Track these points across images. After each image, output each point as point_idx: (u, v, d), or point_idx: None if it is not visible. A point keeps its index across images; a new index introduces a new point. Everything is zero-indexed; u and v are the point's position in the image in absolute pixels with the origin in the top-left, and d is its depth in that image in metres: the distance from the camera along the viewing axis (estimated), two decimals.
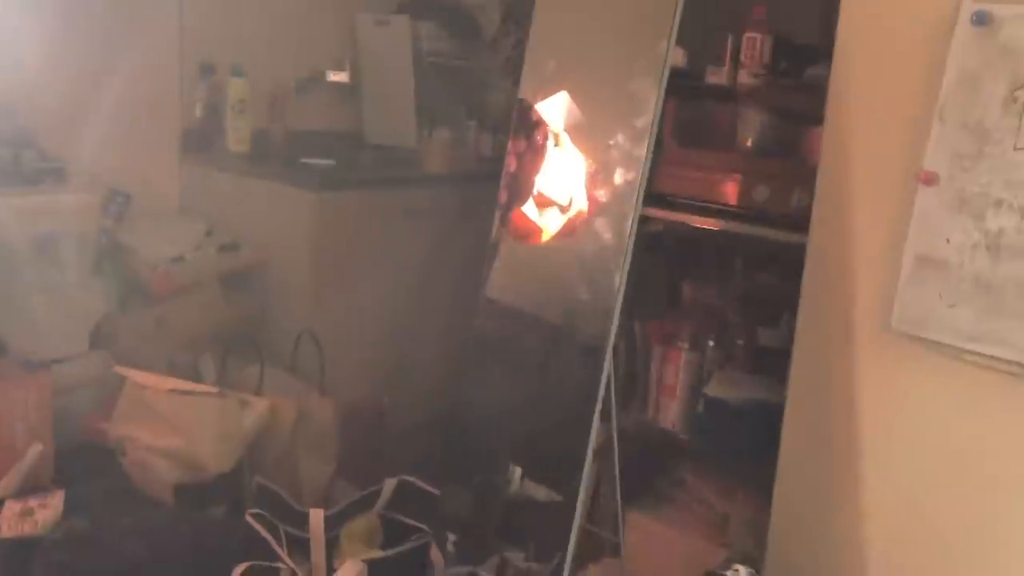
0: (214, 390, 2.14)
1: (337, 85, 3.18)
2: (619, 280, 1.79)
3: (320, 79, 3.13)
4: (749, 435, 2.04)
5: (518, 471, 2.36)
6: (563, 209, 2.04)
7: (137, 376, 2.12)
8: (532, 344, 2.12)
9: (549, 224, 2.03)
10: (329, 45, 3.19)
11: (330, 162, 2.72)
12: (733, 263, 2.42)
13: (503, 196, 2.17)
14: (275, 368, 2.56)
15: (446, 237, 2.97)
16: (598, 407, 1.90)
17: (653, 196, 2.11)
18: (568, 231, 1.96)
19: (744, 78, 2.11)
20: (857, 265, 1.72)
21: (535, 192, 2.04)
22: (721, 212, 2.10)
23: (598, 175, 1.87)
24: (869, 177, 1.70)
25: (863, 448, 1.76)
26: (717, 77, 2.15)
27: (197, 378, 2.44)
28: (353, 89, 3.23)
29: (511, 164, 2.13)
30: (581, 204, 1.93)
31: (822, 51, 1.94)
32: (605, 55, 1.96)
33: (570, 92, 1.98)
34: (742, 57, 2.11)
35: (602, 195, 1.87)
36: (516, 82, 3.42)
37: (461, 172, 3.05)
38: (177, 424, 2.08)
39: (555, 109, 1.99)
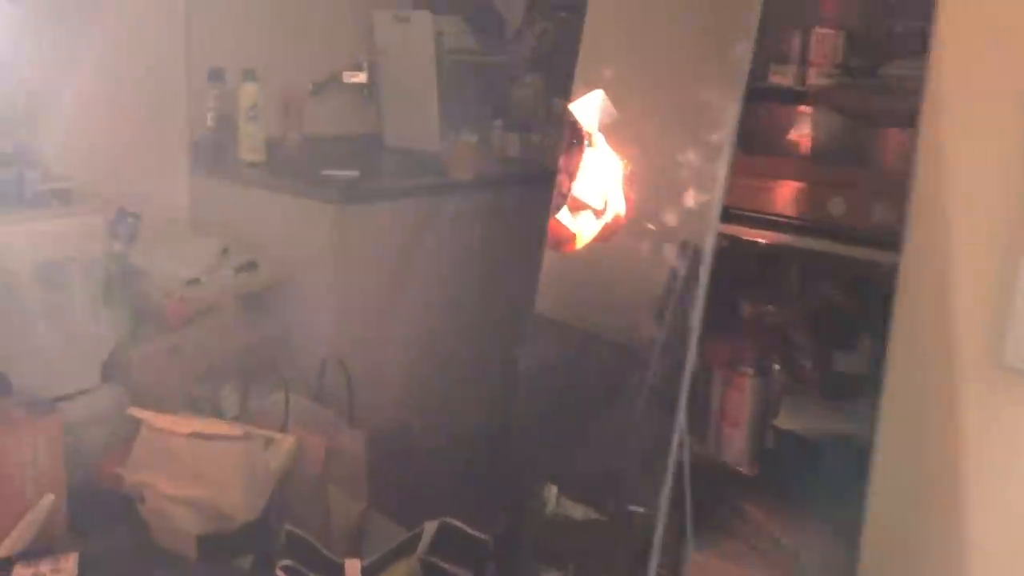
0: (238, 432, 1.96)
1: (354, 87, 2.99)
2: (694, 317, 1.60)
3: (336, 81, 2.94)
4: (828, 473, 1.86)
5: (554, 490, 2.23)
6: (615, 227, 1.85)
7: (153, 419, 1.95)
8: (591, 367, 1.94)
9: (607, 248, 1.84)
10: (345, 45, 3.00)
11: (352, 173, 2.53)
12: (792, 275, 2.23)
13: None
14: (299, 395, 2.39)
15: (478, 248, 2.78)
16: (675, 444, 1.71)
17: None
18: (632, 257, 1.78)
19: (813, 78, 1.91)
20: (961, 291, 1.53)
21: (591, 212, 1.85)
22: (790, 226, 1.91)
23: (665, 196, 1.68)
24: (974, 190, 1.50)
25: (969, 494, 1.57)
26: (782, 77, 1.96)
27: (217, 412, 2.27)
28: (371, 91, 3.04)
29: (563, 184, 1.94)
30: (646, 226, 1.74)
31: (900, 46, 1.74)
32: (670, 60, 1.77)
33: (630, 103, 1.78)
34: (811, 55, 1.91)
35: (671, 218, 1.68)
36: (543, 75, 3.27)
37: (490, 177, 2.86)
38: (199, 471, 1.91)
39: (612, 123, 1.79)
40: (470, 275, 2.78)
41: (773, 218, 1.94)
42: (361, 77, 2.98)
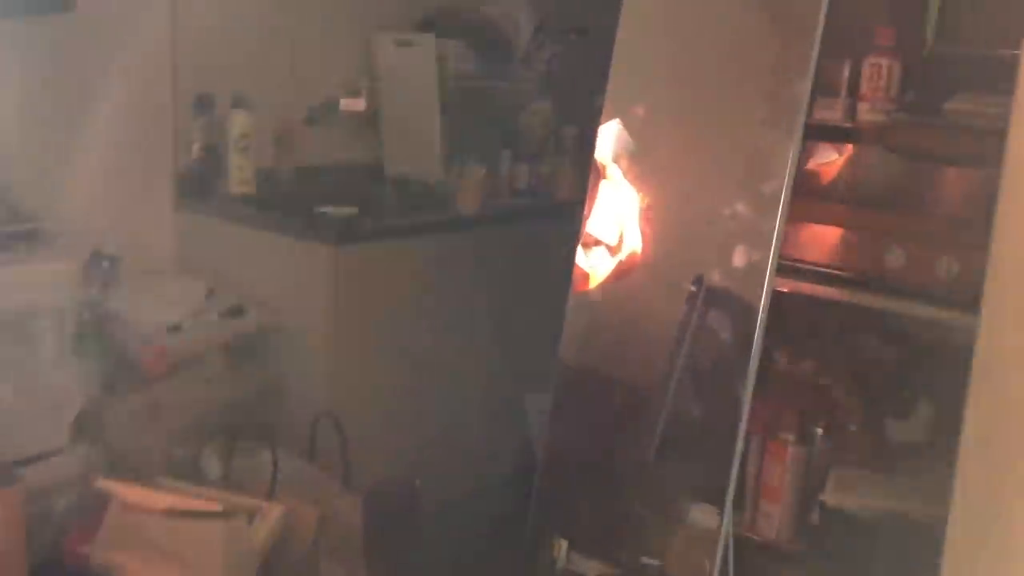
0: (219, 508, 1.75)
1: (352, 114, 2.79)
2: (746, 389, 1.40)
3: (333, 108, 2.74)
4: (882, 555, 1.65)
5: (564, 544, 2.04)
6: (635, 271, 1.65)
7: (126, 493, 1.74)
8: (619, 428, 1.74)
9: (641, 302, 1.64)
10: (343, 69, 2.80)
11: (350, 209, 2.33)
12: (832, 326, 2.02)
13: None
14: (290, 454, 2.19)
15: (487, 289, 2.58)
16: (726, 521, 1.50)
17: None
18: (668, 316, 1.57)
19: (864, 113, 1.71)
20: None
21: (616, 256, 1.64)
22: (838, 278, 1.70)
23: (711, 251, 1.48)
24: None
25: None
26: (829, 112, 1.75)
27: (199, 475, 2.06)
28: (371, 118, 2.84)
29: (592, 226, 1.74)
30: (687, 287, 1.54)
31: (964, 78, 1.54)
32: (715, 98, 1.56)
33: (667, 148, 1.58)
34: (863, 88, 1.72)
35: (717, 278, 1.48)
36: (553, 102, 3.09)
37: (499, 211, 2.67)
38: (176, 552, 1.71)
39: (644, 171, 1.59)
40: (479, 319, 2.58)
41: (819, 269, 1.73)
42: (359, 104, 2.78)
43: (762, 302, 1.39)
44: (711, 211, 1.51)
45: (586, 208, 1.79)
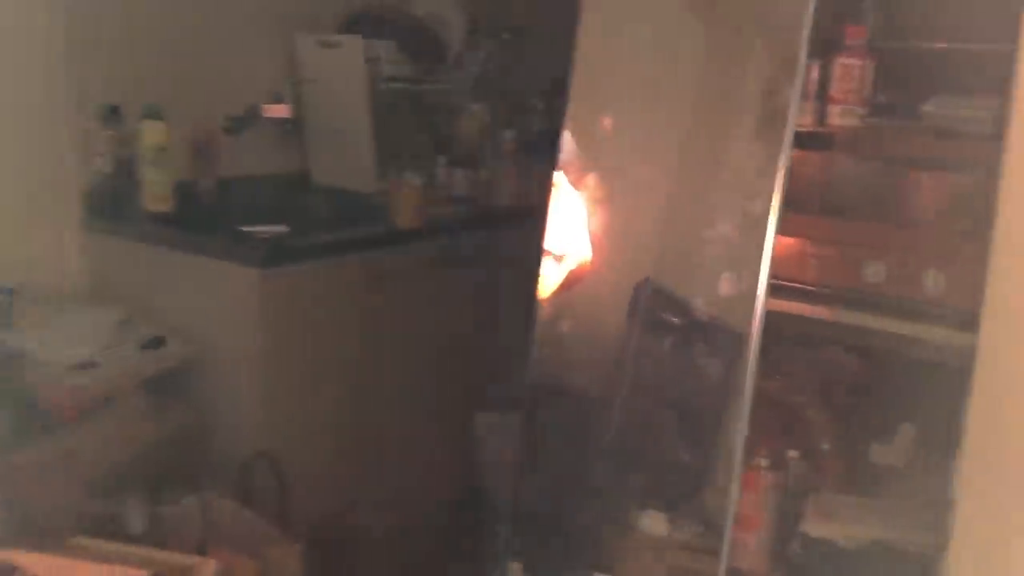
0: (141, 574, 1.56)
1: (276, 122, 2.60)
2: (737, 438, 1.27)
3: (255, 115, 2.54)
4: None
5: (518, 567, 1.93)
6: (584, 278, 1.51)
7: (34, 565, 1.53)
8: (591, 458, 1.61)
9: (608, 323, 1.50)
10: (265, 74, 2.61)
11: (279, 228, 2.14)
12: (801, 340, 1.91)
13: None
14: (222, 498, 2.00)
15: (429, 305, 2.42)
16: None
17: None
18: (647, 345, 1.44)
19: (837, 117, 1.60)
20: None
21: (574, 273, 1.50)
22: (816, 295, 1.59)
23: (695, 275, 1.35)
24: None
25: None
26: (799, 116, 1.63)
27: (120, 531, 1.85)
28: (296, 125, 2.66)
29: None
30: (669, 319, 1.41)
31: (945, 78, 1.44)
32: (690, 107, 1.42)
33: (638, 164, 1.44)
34: (833, 90, 1.60)
35: (700, 310, 1.34)
36: (490, 105, 2.94)
37: (438, 221, 2.51)
38: None
39: (614, 188, 1.44)
40: (422, 338, 2.42)
41: (791, 285, 1.62)
42: (283, 110, 2.59)
43: (751, 339, 1.27)
44: (691, 233, 1.38)
45: (548, 224, 1.64)
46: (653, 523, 1.78)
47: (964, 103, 1.49)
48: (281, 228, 2.14)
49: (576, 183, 1.55)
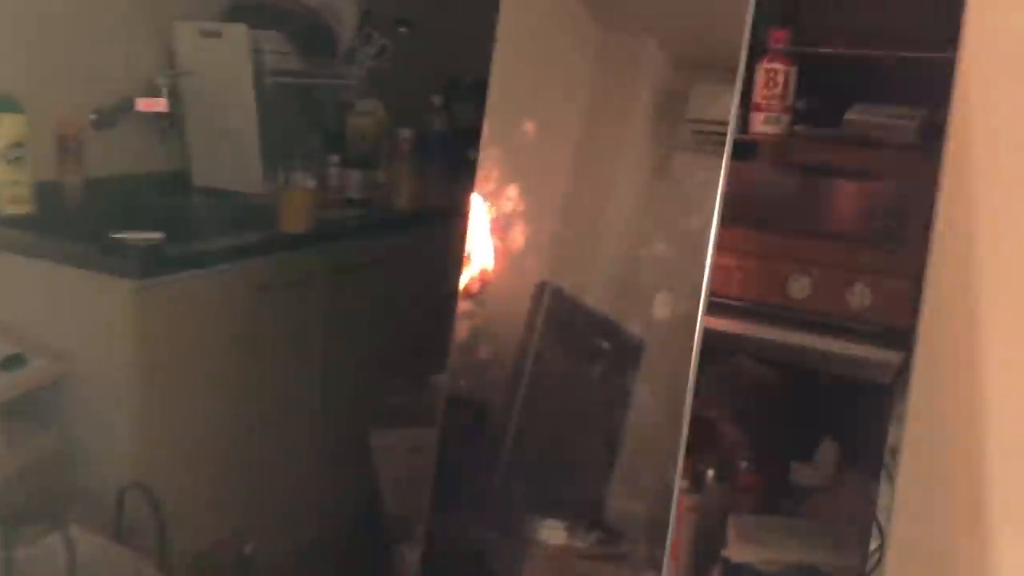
0: None
1: (152, 117, 2.40)
2: (673, 473, 1.17)
3: (128, 110, 2.34)
4: None
5: None
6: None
7: None
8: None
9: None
10: (139, 64, 2.40)
11: (154, 235, 1.95)
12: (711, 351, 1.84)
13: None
14: (91, 533, 1.81)
15: (322, 317, 2.27)
16: None
17: None
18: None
19: (760, 124, 1.53)
20: (987, 389, 1.17)
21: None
22: (735, 309, 1.51)
23: (624, 301, 1.24)
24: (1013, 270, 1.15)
25: None
26: None
27: None
28: (175, 121, 2.46)
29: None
30: (600, 344, 1.30)
31: (871, 85, 1.38)
32: (623, 110, 1.31)
33: (566, 174, 1.32)
34: (756, 96, 1.53)
35: (636, 334, 1.24)
36: (384, 100, 2.79)
37: (331, 226, 2.36)
38: None
39: (539, 200, 1.33)
40: (314, 352, 2.27)
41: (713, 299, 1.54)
42: (160, 104, 2.39)
43: (690, 363, 1.17)
44: (625, 250, 1.27)
45: (461, 236, 1.51)
46: (551, 533, 1.71)
47: (886, 111, 1.44)
48: (158, 235, 1.95)
49: (495, 195, 1.43)
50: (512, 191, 1.37)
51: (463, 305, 1.53)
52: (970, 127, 1.15)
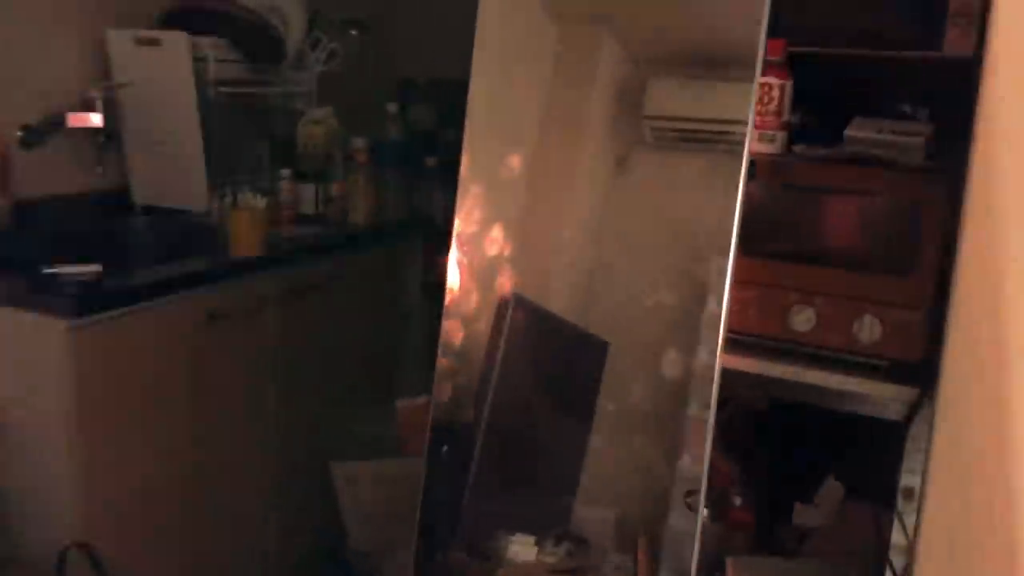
0: None
1: (85, 132, 2.21)
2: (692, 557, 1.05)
3: (58, 125, 2.15)
4: None
5: None
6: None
7: None
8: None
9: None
10: (69, 76, 2.21)
11: (92, 268, 1.78)
12: None
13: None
14: None
15: (275, 347, 2.12)
16: None
17: None
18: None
19: (754, 143, 1.41)
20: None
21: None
22: (733, 343, 1.39)
23: (627, 359, 1.11)
24: None
25: None
26: None
27: None
28: (111, 136, 2.28)
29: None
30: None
31: (870, 100, 1.27)
32: (607, 138, 1.18)
33: (551, 213, 1.19)
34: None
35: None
36: (336, 108, 2.63)
37: (282, 246, 2.20)
38: None
39: (524, 243, 1.19)
40: (268, 386, 2.11)
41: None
42: (94, 119, 2.21)
43: (706, 423, 1.05)
44: (628, 300, 1.14)
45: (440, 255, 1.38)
46: (521, 549, 1.64)
47: (889, 126, 1.33)
48: (94, 267, 1.78)
49: (478, 233, 1.29)
50: (496, 232, 1.24)
51: (446, 326, 1.40)
52: (994, 143, 1.03)
